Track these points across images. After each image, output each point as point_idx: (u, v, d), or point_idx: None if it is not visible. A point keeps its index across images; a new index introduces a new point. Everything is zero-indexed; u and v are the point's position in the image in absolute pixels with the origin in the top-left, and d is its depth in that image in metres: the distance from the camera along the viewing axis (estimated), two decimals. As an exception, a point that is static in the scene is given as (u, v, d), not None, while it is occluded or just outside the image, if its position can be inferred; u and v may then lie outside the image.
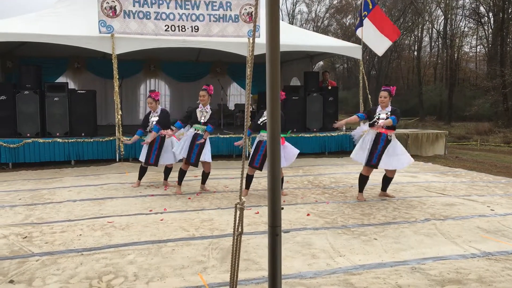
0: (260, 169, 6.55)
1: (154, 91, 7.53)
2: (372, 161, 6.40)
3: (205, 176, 7.25)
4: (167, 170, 7.71)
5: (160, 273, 3.83)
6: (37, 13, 11.35)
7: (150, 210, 5.91)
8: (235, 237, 2.11)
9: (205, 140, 6.84)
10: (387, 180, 6.80)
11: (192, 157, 6.76)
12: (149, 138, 7.23)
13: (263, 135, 6.69)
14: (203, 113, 6.86)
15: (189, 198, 6.66)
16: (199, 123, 6.85)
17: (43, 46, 10.70)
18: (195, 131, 6.83)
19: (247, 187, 6.88)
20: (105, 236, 4.81)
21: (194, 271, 3.87)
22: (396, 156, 6.47)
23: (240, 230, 2.09)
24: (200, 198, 6.72)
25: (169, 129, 7.29)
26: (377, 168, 6.49)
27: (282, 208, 1.87)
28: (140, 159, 7.50)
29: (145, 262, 4.07)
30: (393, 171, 6.67)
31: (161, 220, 5.45)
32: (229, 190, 7.22)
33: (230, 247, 4.42)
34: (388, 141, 6.40)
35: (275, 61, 1.71)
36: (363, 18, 11.76)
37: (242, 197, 2.05)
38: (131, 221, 5.40)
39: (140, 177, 7.60)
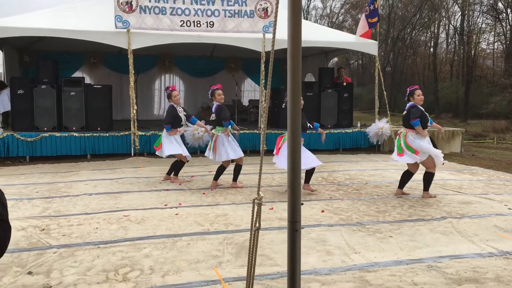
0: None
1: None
2: None
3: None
4: (180, 165, 7.70)
5: (175, 266, 3.85)
6: (54, 8, 11.47)
7: (165, 205, 5.95)
8: (253, 233, 2.12)
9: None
10: (410, 176, 6.70)
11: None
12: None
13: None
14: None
15: (204, 193, 6.69)
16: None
17: (60, 41, 10.81)
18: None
19: None
20: (121, 230, 4.86)
21: (209, 266, 3.89)
22: None
23: (257, 225, 2.09)
24: (215, 193, 6.74)
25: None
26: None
27: (302, 204, 1.86)
28: (173, 152, 7.45)
29: (161, 255, 4.10)
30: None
31: (176, 214, 5.48)
32: (244, 186, 7.22)
33: (245, 242, 4.44)
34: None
35: (296, 56, 1.70)
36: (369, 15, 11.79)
37: (261, 193, 2.05)
38: (147, 215, 5.45)
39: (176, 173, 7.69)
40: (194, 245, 4.41)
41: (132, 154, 10.12)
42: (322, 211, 5.69)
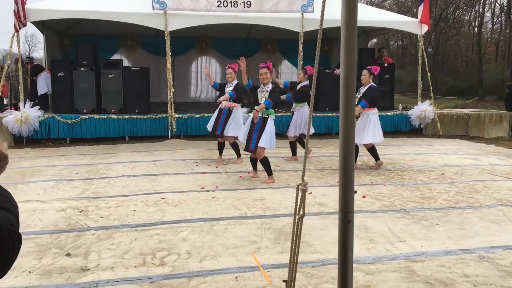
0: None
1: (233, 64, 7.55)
2: None
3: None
4: (234, 146, 7.61)
5: (213, 251, 3.77)
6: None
7: (202, 188, 5.88)
8: (296, 221, 1.97)
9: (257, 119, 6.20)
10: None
11: (252, 144, 6.12)
12: (221, 98, 7.36)
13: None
14: (263, 93, 6.21)
15: (241, 176, 6.58)
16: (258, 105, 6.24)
17: (98, 24, 10.86)
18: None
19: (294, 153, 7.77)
20: (158, 212, 4.82)
21: (247, 251, 3.78)
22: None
23: (301, 213, 1.94)
24: (252, 176, 6.62)
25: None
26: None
27: (355, 192, 1.70)
28: (208, 128, 7.69)
29: (198, 240, 4.03)
30: None
31: (213, 198, 5.40)
32: (281, 170, 7.07)
33: (284, 228, 4.31)
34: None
35: (352, 28, 1.52)
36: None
37: (305, 179, 1.89)
38: (184, 198, 5.39)
39: (220, 152, 7.72)
40: (232, 229, 4.31)
41: (169, 137, 10.13)
42: (364, 196, 5.48)
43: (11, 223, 1.11)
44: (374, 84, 6.97)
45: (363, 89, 6.91)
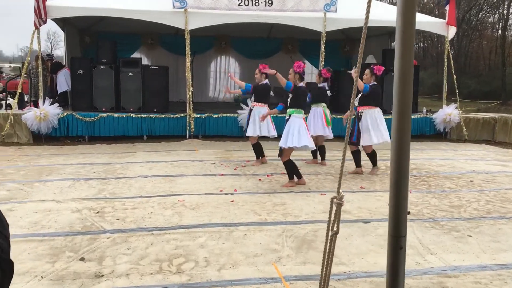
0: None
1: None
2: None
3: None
4: (255, 147, 7.46)
5: (232, 260, 3.59)
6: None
7: (221, 190, 5.71)
8: (329, 238, 1.78)
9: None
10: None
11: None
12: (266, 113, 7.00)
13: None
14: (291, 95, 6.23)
15: (260, 180, 6.40)
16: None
17: (119, 22, 10.79)
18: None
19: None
20: (176, 216, 4.66)
21: (267, 260, 3.59)
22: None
23: (335, 229, 1.75)
24: (271, 179, 6.44)
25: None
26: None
27: (409, 213, 1.50)
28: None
29: (216, 246, 3.86)
30: None
31: (232, 201, 5.23)
32: (301, 173, 6.84)
33: (306, 236, 4.12)
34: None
35: (410, 27, 1.32)
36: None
37: (341, 191, 1.70)
38: (202, 200, 5.23)
39: (257, 156, 7.51)
40: (251, 236, 4.13)
41: (187, 137, 10.00)
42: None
43: (1, 248, 0.94)
44: (375, 83, 6.80)
45: None
